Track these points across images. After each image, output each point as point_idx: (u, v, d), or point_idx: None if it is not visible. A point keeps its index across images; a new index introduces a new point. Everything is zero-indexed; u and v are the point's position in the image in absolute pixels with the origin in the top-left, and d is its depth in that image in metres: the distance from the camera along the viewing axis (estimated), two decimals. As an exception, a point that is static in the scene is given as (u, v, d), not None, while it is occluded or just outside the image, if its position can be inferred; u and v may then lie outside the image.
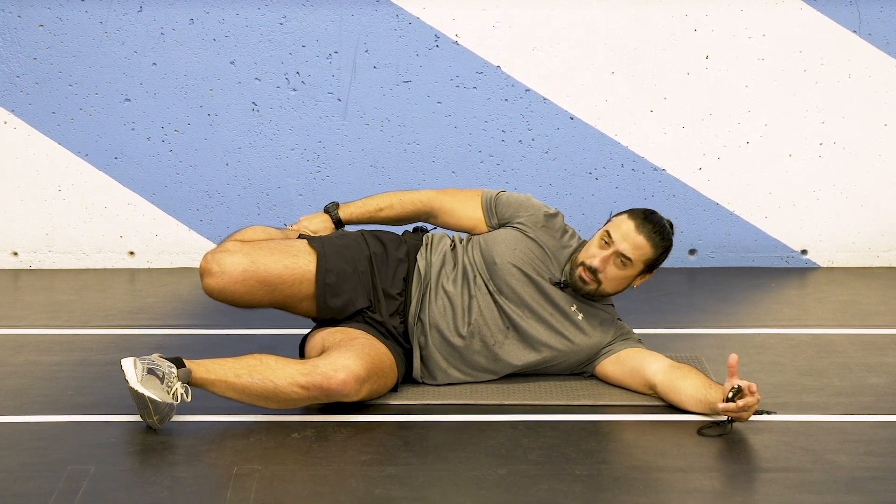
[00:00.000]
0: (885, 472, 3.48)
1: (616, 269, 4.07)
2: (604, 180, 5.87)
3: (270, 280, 3.99)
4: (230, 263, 3.97)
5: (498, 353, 4.10)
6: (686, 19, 5.79)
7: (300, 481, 3.43)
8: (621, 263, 4.07)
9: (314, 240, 4.12)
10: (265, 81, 5.79)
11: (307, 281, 4.03)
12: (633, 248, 4.05)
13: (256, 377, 3.78)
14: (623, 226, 4.08)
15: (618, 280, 4.10)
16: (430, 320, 4.09)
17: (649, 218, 4.09)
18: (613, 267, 4.07)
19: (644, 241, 4.06)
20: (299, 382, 3.77)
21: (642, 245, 4.06)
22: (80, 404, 3.99)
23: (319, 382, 3.77)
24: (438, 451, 3.63)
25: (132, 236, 5.90)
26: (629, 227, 4.07)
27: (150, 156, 5.83)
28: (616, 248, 4.05)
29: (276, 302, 4.05)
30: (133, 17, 5.73)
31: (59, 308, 5.22)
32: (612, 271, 4.08)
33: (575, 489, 3.36)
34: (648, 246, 4.07)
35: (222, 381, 3.78)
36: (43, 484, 3.36)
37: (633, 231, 4.07)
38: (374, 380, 3.88)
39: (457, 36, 5.78)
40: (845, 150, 5.89)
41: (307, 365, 3.81)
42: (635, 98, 5.83)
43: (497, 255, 4.14)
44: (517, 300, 4.11)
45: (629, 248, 4.05)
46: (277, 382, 3.77)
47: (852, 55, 5.82)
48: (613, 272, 4.08)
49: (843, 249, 5.97)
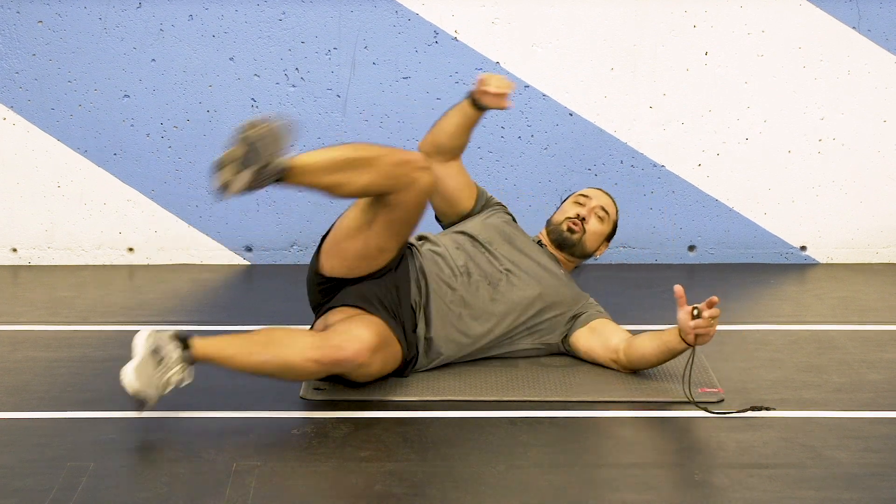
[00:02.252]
0: (884, 468, 3.49)
1: (596, 223, 4.51)
2: (603, 176, 5.87)
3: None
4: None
5: (499, 286, 4.30)
6: (685, 15, 5.79)
7: (299, 477, 3.43)
8: (599, 219, 4.51)
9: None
10: (264, 77, 5.79)
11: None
12: (608, 205, 4.55)
13: (269, 355, 3.78)
14: (589, 191, 4.60)
15: (595, 235, 4.51)
16: (428, 272, 4.24)
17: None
18: (595, 220, 4.51)
19: (611, 202, 4.59)
20: (312, 357, 3.78)
21: (611, 205, 4.57)
22: (79, 401, 3.99)
23: (332, 355, 3.79)
24: (437, 447, 3.63)
25: (131, 232, 5.89)
26: (596, 191, 4.60)
27: (150, 152, 5.83)
28: (596, 203, 4.53)
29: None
30: (132, 14, 5.73)
31: (58, 304, 5.22)
32: (593, 224, 4.50)
33: (574, 485, 3.36)
34: (614, 208, 4.58)
35: (234, 359, 3.79)
36: (42, 480, 3.36)
37: (601, 193, 4.59)
38: (385, 351, 3.92)
39: (456, 32, 5.78)
40: (844, 147, 5.89)
41: (318, 337, 3.83)
42: (634, 94, 5.83)
43: (485, 220, 4.47)
44: (509, 248, 4.41)
45: (605, 204, 4.54)
46: (290, 358, 3.78)
47: (852, 51, 5.82)
48: (594, 225, 4.50)
49: (843, 246, 5.97)
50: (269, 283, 5.60)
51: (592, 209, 4.51)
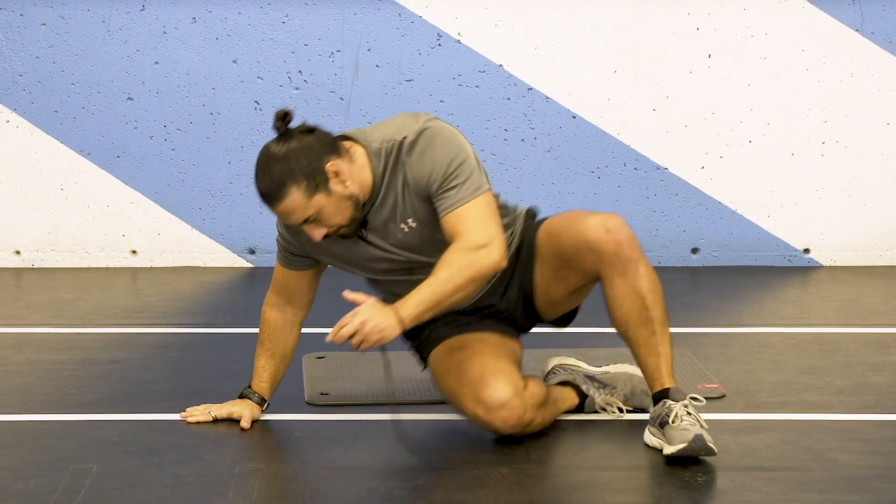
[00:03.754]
0: (887, 470, 3.48)
1: (318, 223, 3.58)
2: (606, 179, 5.87)
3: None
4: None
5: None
6: (688, 18, 5.79)
7: (302, 480, 3.43)
8: (312, 226, 3.58)
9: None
10: (267, 80, 5.80)
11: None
12: (288, 216, 3.58)
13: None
14: (278, 216, 3.66)
15: (334, 216, 3.59)
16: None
17: (257, 174, 3.60)
18: (318, 225, 3.58)
19: (278, 206, 3.57)
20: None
21: (281, 211, 3.58)
22: (82, 403, 3.99)
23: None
24: (441, 449, 3.63)
25: (134, 235, 5.90)
26: (270, 209, 3.61)
27: (153, 154, 5.83)
28: (293, 224, 3.62)
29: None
30: (135, 16, 5.74)
31: (61, 307, 5.22)
32: (324, 224, 3.58)
33: (577, 488, 3.36)
34: (280, 202, 3.55)
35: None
36: (45, 482, 3.36)
37: (271, 208, 3.60)
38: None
39: (459, 35, 5.78)
40: (848, 149, 5.89)
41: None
42: (637, 97, 5.83)
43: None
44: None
45: (294, 220, 3.58)
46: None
47: (855, 54, 5.82)
48: (324, 223, 3.57)
49: (846, 248, 5.97)
50: (273, 286, 5.60)
51: (310, 230, 3.60)
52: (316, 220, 3.57)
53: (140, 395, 4.07)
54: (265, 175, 3.56)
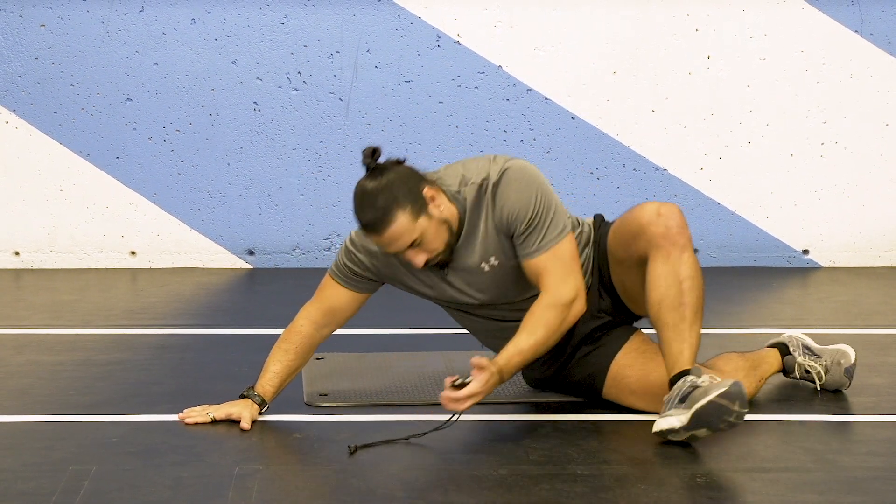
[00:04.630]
0: (887, 472, 3.48)
1: (421, 248, 3.64)
2: (605, 180, 5.88)
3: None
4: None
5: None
6: (687, 19, 5.79)
7: (302, 481, 3.43)
8: (416, 247, 3.63)
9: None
10: (267, 81, 5.80)
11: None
12: (393, 242, 3.61)
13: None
14: (374, 241, 3.67)
15: (434, 241, 3.65)
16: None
17: (359, 207, 3.62)
18: (420, 250, 3.64)
19: (385, 231, 3.59)
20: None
21: (388, 237, 3.60)
22: (82, 404, 3.99)
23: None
24: (439, 450, 3.63)
25: (134, 236, 5.90)
26: (375, 239, 3.64)
27: (152, 155, 5.84)
28: (395, 252, 3.66)
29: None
30: (135, 17, 5.74)
31: (60, 308, 5.22)
32: (425, 250, 3.64)
33: (576, 489, 3.36)
34: (387, 228, 3.59)
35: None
36: (45, 483, 3.36)
37: (376, 237, 3.62)
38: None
39: (458, 36, 5.78)
40: (847, 150, 5.89)
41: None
42: (637, 98, 5.83)
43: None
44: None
45: (399, 245, 3.62)
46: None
47: (854, 55, 5.82)
48: (426, 248, 3.64)
49: (845, 249, 5.97)
50: (272, 287, 5.60)
51: (411, 255, 3.66)
52: (419, 246, 3.63)
53: (140, 396, 4.07)
54: (369, 207, 3.59)
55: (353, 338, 4.62)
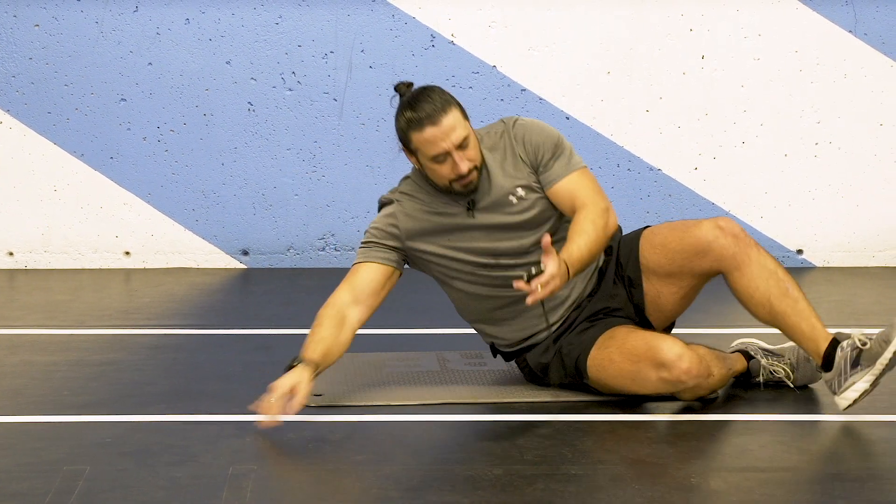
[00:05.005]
0: (881, 471, 3.49)
1: (465, 152, 3.82)
2: (600, 180, 5.82)
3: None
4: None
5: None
6: (682, 19, 5.79)
7: (296, 482, 3.42)
8: (462, 150, 3.82)
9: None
10: (261, 81, 5.79)
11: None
12: (449, 133, 3.80)
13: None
14: (426, 136, 3.81)
15: (475, 151, 3.85)
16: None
17: (416, 102, 3.85)
18: (465, 154, 3.82)
19: (443, 119, 3.80)
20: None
21: (446, 125, 3.80)
22: (75, 404, 3.99)
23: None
24: (434, 451, 3.63)
25: (128, 236, 5.89)
26: (427, 132, 3.80)
27: (146, 155, 5.83)
28: (446, 150, 3.80)
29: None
30: (129, 17, 5.73)
31: (54, 308, 5.21)
32: (468, 156, 3.83)
33: (571, 489, 3.36)
34: (445, 116, 3.80)
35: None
36: (38, 484, 3.35)
37: (427, 131, 3.80)
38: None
39: (453, 36, 5.78)
40: (841, 150, 5.90)
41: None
42: (631, 98, 5.84)
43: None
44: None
45: (454, 138, 3.80)
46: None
47: (848, 55, 5.82)
48: (469, 154, 3.83)
49: (839, 249, 5.97)
50: (266, 287, 5.60)
51: (459, 156, 3.82)
52: (465, 148, 3.82)
53: (133, 396, 4.07)
54: (426, 101, 3.82)
55: (348, 338, 4.61)
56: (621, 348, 3.89)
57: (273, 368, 4.32)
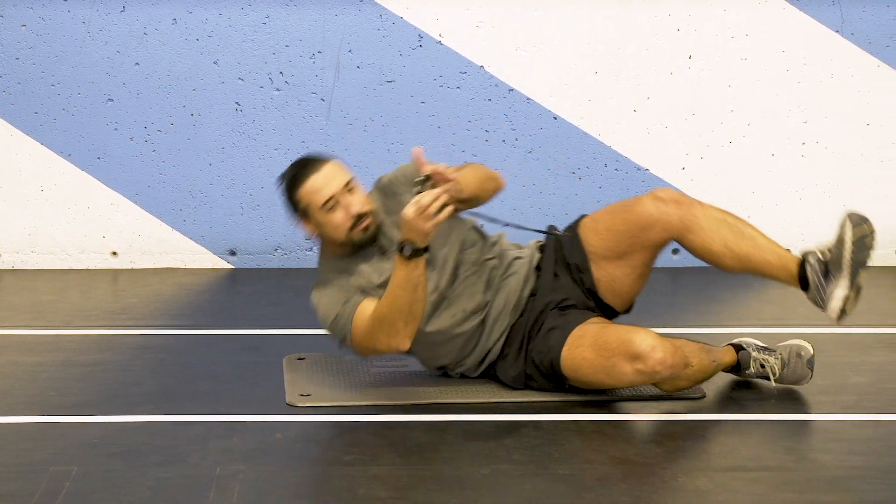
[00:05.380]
0: (867, 470, 3.49)
1: (353, 196, 3.90)
2: (587, 180, 5.88)
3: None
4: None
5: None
6: (669, 19, 5.80)
7: (283, 482, 3.42)
8: (350, 192, 3.91)
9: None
10: (248, 81, 5.79)
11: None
12: (331, 178, 3.92)
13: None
14: (309, 186, 3.92)
15: (364, 197, 3.94)
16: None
17: (295, 167, 4.02)
18: (353, 198, 3.90)
19: (323, 168, 3.94)
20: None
21: (327, 171, 3.93)
22: (62, 405, 3.99)
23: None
24: (422, 450, 3.63)
25: (115, 236, 5.89)
26: (311, 182, 3.92)
27: (133, 156, 5.82)
28: (332, 194, 3.89)
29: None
30: (116, 17, 5.72)
31: (41, 308, 5.21)
32: (357, 200, 3.91)
33: (558, 489, 3.37)
34: (325, 165, 3.94)
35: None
36: (25, 485, 3.35)
37: (311, 180, 3.92)
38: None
39: (440, 36, 5.78)
40: (828, 150, 5.91)
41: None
42: (619, 98, 5.84)
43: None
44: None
45: (338, 182, 3.91)
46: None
47: (835, 55, 5.83)
48: (357, 198, 3.91)
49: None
50: (254, 287, 5.60)
51: (346, 203, 3.90)
52: (353, 190, 3.90)
53: (121, 396, 4.07)
54: (304, 161, 3.99)
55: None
56: (594, 345, 3.89)
57: (261, 369, 4.33)
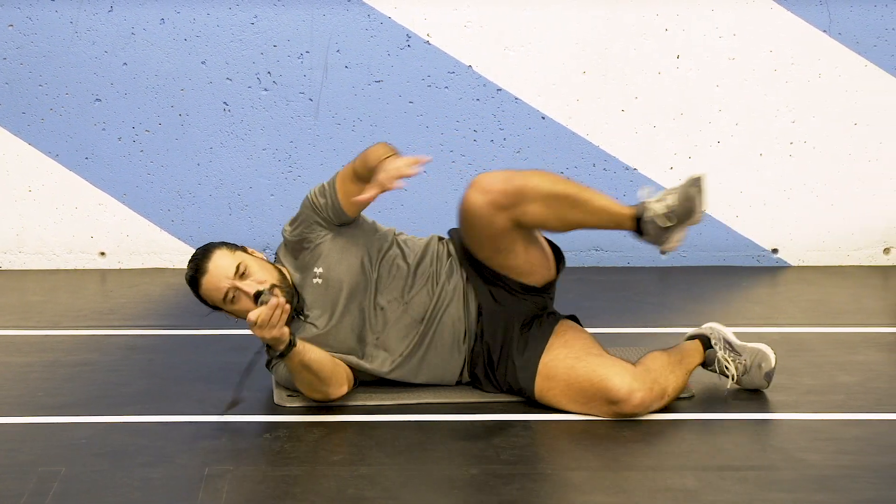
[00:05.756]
0: (855, 469, 3.50)
1: (250, 279, 3.86)
2: (576, 179, 5.88)
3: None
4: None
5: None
6: (657, 19, 5.80)
7: (272, 482, 3.42)
8: (244, 277, 3.87)
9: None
10: (236, 81, 5.79)
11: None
12: (220, 271, 3.87)
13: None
14: (205, 287, 3.88)
15: (261, 271, 3.90)
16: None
17: (187, 271, 3.94)
18: (251, 280, 3.86)
19: (208, 265, 3.88)
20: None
21: (214, 265, 3.88)
22: (50, 405, 3.98)
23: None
24: (410, 450, 3.63)
25: (103, 237, 5.88)
26: (204, 284, 3.88)
27: (121, 156, 5.82)
28: (226, 288, 3.86)
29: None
30: (104, 17, 5.72)
31: (29, 309, 5.20)
32: (256, 280, 3.86)
33: (546, 488, 3.37)
34: (209, 261, 3.88)
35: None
36: (13, 486, 3.34)
37: (204, 282, 3.88)
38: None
39: (428, 35, 5.78)
40: (816, 150, 5.92)
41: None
42: (607, 97, 5.84)
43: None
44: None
45: (227, 272, 3.86)
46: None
47: (822, 55, 5.84)
48: (255, 278, 3.87)
49: (814, 248, 5.99)
50: (242, 287, 5.58)
51: (236, 283, 3.85)
52: (247, 274, 3.85)
53: (109, 397, 4.06)
54: (191, 263, 3.91)
55: (324, 338, 4.61)
56: (567, 390, 3.88)
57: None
